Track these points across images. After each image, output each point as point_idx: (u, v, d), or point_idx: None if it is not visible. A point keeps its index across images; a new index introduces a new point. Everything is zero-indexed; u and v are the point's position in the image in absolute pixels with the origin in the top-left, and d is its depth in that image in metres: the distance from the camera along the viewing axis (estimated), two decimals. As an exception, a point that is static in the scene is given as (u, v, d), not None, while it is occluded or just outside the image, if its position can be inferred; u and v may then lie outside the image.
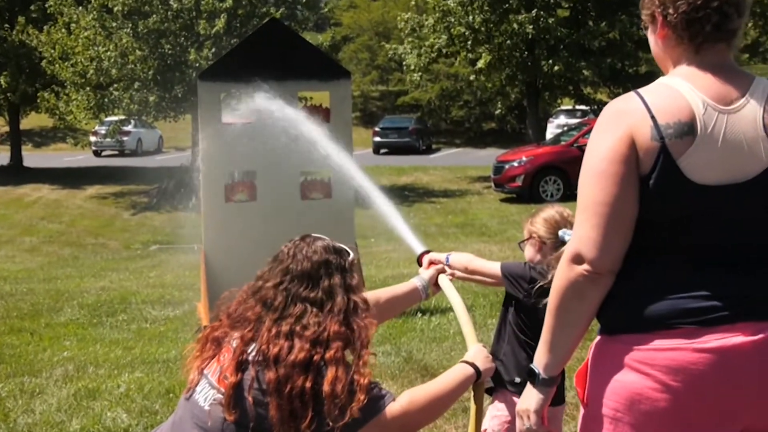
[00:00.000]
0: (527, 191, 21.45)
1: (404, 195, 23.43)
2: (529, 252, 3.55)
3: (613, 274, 2.27)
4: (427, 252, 3.57)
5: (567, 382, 3.46)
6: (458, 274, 3.58)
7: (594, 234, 2.24)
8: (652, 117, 2.21)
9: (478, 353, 2.94)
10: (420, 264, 3.55)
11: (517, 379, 3.46)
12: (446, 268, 3.49)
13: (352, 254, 2.76)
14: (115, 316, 9.42)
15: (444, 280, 3.39)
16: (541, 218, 3.50)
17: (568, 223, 3.40)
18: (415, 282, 3.41)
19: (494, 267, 3.55)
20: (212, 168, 8.66)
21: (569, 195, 20.34)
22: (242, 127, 8.95)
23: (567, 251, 2.30)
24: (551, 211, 3.51)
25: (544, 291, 3.32)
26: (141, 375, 6.72)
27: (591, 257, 2.24)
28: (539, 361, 2.42)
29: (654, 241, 2.27)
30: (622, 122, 2.24)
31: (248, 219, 8.69)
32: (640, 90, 2.30)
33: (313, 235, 2.78)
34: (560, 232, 3.35)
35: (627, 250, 2.27)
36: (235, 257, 8.44)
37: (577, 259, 2.27)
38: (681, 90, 2.25)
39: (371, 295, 2.98)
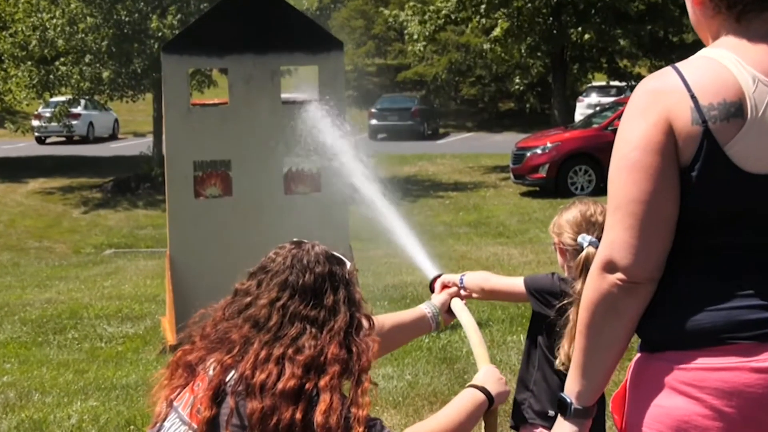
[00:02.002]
0: (553, 183, 21.44)
1: (406, 188, 23.42)
2: (559, 260, 3.59)
3: (652, 283, 2.29)
4: (440, 276, 3.60)
5: (607, 409, 3.47)
6: (475, 296, 3.60)
7: (628, 237, 2.25)
8: (693, 97, 2.21)
9: (488, 375, 2.95)
10: (432, 290, 3.57)
11: (551, 412, 3.47)
12: (461, 291, 3.51)
13: (349, 263, 2.75)
14: (64, 333, 9.44)
15: (457, 304, 3.41)
16: (562, 220, 3.52)
17: (590, 225, 3.41)
18: (424, 309, 3.41)
19: (516, 283, 3.57)
20: (179, 157, 8.67)
21: (603, 188, 20.31)
22: (214, 109, 8.97)
23: (597, 258, 2.32)
24: (574, 210, 3.52)
25: (565, 309, 3.34)
26: (96, 404, 6.73)
27: (625, 264, 2.26)
28: (571, 388, 2.43)
29: (700, 243, 2.28)
30: (656, 104, 2.24)
31: (222, 217, 8.71)
32: (678, 65, 2.30)
33: (306, 240, 2.78)
34: (579, 238, 3.37)
35: (668, 254, 2.28)
36: (206, 263, 8.46)
37: (610, 267, 2.28)
38: (726, 63, 2.24)
39: (374, 320, 2.97)
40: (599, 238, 3.30)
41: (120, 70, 25.07)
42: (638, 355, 2.39)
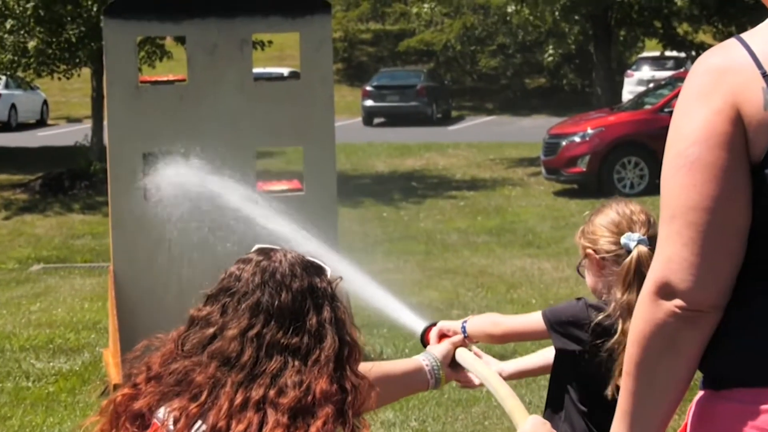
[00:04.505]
0: (595, 179, 21.40)
1: (410, 187, 23.45)
2: (589, 278, 3.58)
3: (719, 311, 2.29)
4: (434, 325, 3.62)
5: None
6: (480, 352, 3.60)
7: (688, 254, 2.25)
8: (765, 75, 2.23)
9: (538, 429, 2.90)
10: (425, 344, 3.59)
11: None
12: (466, 340, 3.52)
13: (329, 269, 2.73)
14: (-19, 370, 9.44)
15: (465, 354, 3.41)
16: (596, 224, 3.53)
17: (633, 224, 3.44)
18: (421, 360, 3.38)
19: (533, 319, 3.56)
20: (124, 148, 8.68)
21: (659, 185, 20.29)
22: (168, 87, 8.98)
23: (650, 281, 2.32)
24: (608, 211, 3.53)
25: (604, 329, 3.35)
26: (21, 458, 6.74)
27: (685, 288, 2.26)
28: None
29: None
30: (719, 86, 2.25)
31: (179, 224, 8.70)
32: (743, 35, 2.31)
33: (270, 247, 2.76)
34: (623, 239, 3.39)
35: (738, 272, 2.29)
36: (159, 281, 8.46)
37: (666, 292, 2.28)
38: None
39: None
40: (649, 237, 3.34)
41: (50, 39, 25.05)
42: (700, 393, 2.40)
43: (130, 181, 8.66)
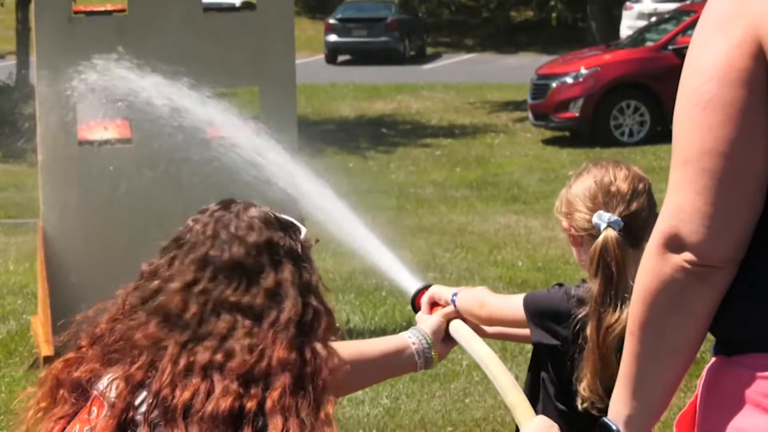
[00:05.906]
0: (589, 126, 21.41)
1: (380, 134, 23.42)
2: (575, 254, 3.52)
3: (733, 267, 2.31)
4: (427, 287, 3.60)
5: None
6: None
7: (701, 202, 2.27)
8: None
9: (542, 428, 2.91)
10: (416, 309, 3.58)
11: None
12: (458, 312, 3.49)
13: (304, 229, 2.75)
14: None
15: (459, 328, 3.39)
16: (572, 194, 3.45)
17: (609, 198, 3.35)
18: (408, 337, 3.36)
19: (515, 306, 3.51)
20: (55, 88, 8.62)
21: (661, 132, 20.34)
22: (106, 18, 8.92)
23: (657, 232, 2.34)
24: (587, 178, 3.44)
25: (584, 324, 3.32)
26: (-61, 439, 6.74)
27: (697, 240, 2.28)
28: (618, 411, 2.46)
29: None
30: (740, 16, 2.26)
31: (119, 174, 8.67)
32: None
33: (238, 200, 2.78)
34: (595, 217, 3.32)
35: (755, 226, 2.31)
36: (96, 240, 8.43)
37: (675, 244, 2.30)
38: None
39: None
40: (624, 216, 3.28)
41: (-33, -37, 24.86)
42: (712, 359, 2.42)
43: (61, 126, 8.61)
